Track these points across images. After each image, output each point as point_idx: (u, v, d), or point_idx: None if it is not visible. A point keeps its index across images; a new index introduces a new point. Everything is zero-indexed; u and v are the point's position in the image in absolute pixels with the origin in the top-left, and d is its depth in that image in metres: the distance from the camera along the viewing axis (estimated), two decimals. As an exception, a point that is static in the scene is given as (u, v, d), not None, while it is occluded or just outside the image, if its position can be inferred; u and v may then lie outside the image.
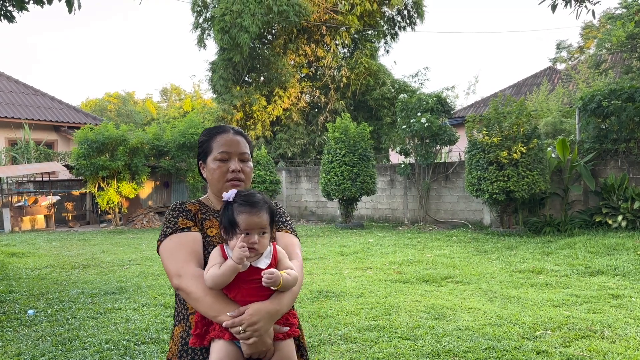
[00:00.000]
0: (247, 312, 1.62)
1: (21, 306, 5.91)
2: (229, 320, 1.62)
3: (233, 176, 1.89)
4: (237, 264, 1.64)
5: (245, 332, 1.60)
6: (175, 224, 1.82)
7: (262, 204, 1.75)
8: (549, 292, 6.06)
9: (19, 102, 21.24)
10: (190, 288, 1.67)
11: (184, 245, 1.76)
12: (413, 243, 10.37)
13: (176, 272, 1.71)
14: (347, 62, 20.43)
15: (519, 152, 10.43)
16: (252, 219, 1.71)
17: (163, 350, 4.28)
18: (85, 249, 10.98)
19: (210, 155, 1.93)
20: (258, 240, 1.70)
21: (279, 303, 1.70)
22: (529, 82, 23.48)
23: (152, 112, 43.20)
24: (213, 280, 1.65)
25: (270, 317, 1.66)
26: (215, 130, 1.98)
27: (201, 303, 1.66)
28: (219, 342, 1.65)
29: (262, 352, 1.67)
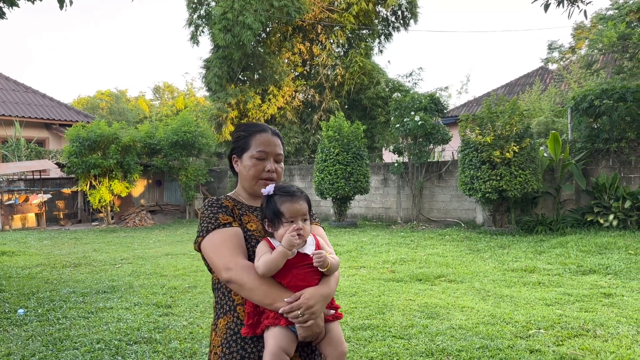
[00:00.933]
0: (303, 296, 1.71)
1: (11, 305, 5.85)
2: (287, 306, 1.70)
3: (267, 175, 1.96)
4: (287, 249, 1.73)
5: (304, 316, 1.69)
6: (217, 219, 1.87)
7: (300, 194, 1.86)
8: (541, 291, 6.07)
9: (10, 100, 21.05)
10: (242, 279, 1.73)
11: (228, 239, 1.82)
12: (406, 242, 10.38)
13: (225, 265, 1.77)
14: (342, 61, 20.41)
15: (511, 152, 10.46)
16: (294, 207, 1.81)
17: (155, 350, 4.25)
18: (76, 247, 10.89)
19: (247, 152, 1.98)
20: (302, 226, 1.80)
21: (328, 286, 1.80)
22: (521, 82, 23.56)
23: (145, 110, 42.96)
24: (266, 267, 1.73)
25: (323, 299, 1.75)
26: (255, 128, 2.03)
27: (255, 293, 1.72)
28: (275, 329, 1.72)
29: (316, 334, 1.75)
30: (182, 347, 4.31)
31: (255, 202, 2.00)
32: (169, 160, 16.83)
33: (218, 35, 17.29)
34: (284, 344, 1.71)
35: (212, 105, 20.80)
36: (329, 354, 1.80)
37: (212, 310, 5.49)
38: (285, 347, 1.72)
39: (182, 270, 7.85)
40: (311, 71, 21.54)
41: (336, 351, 1.79)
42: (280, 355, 1.70)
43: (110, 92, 45.57)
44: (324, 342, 1.80)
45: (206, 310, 5.50)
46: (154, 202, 18.33)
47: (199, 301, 5.87)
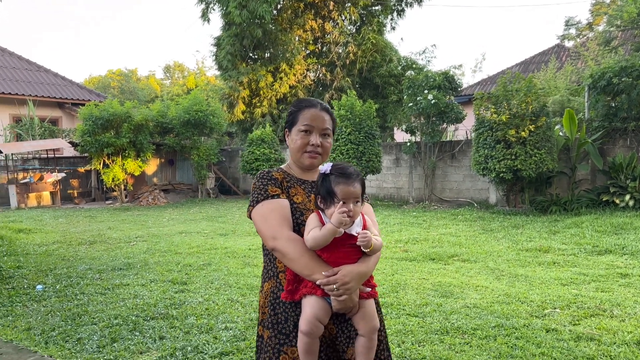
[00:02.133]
0: (340, 272, 1.81)
1: (30, 282, 5.95)
2: (324, 279, 1.80)
3: (312, 149, 2.04)
4: (336, 227, 1.79)
5: (338, 290, 1.79)
6: (266, 191, 1.98)
7: (355, 176, 1.90)
8: (556, 271, 6.04)
9: (23, 79, 21.13)
10: (286, 249, 1.85)
11: (275, 210, 1.93)
12: (419, 221, 10.36)
13: (271, 235, 1.89)
14: (354, 38, 20.13)
15: (527, 131, 10.32)
16: (348, 189, 1.86)
17: (172, 326, 4.30)
18: (91, 225, 11.02)
19: (295, 126, 2.07)
20: (353, 208, 1.84)
21: (366, 265, 1.88)
22: (537, 60, 23.15)
23: (156, 89, 42.98)
24: (314, 241, 1.82)
25: (359, 277, 1.84)
26: (304, 103, 2.11)
27: (297, 263, 1.84)
28: (312, 298, 1.84)
29: (350, 308, 1.86)
30: (198, 322, 4.35)
31: (305, 175, 2.11)
32: (181, 139, 16.86)
33: (234, 12, 17.06)
34: (318, 312, 1.82)
35: (223, 84, 20.70)
36: (360, 327, 1.89)
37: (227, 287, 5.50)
38: (319, 315, 1.82)
39: (197, 248, 7.91)
40: (323, 49, 21.30)
41: (368, 326, 1.89)
42: (314, 322, 1.81)
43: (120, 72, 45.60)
44: (357, 316, 1.89)
45: (221, 287, 5.54)
46: (167, 181, 18.44)
47: (214, 278, 5.92)
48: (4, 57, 21.90)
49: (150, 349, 3.83)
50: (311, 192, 2.04)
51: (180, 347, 3.82)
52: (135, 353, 3.76)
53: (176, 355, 3.70)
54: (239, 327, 4.22)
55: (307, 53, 21.02)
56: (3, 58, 21.81)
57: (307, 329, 1.81)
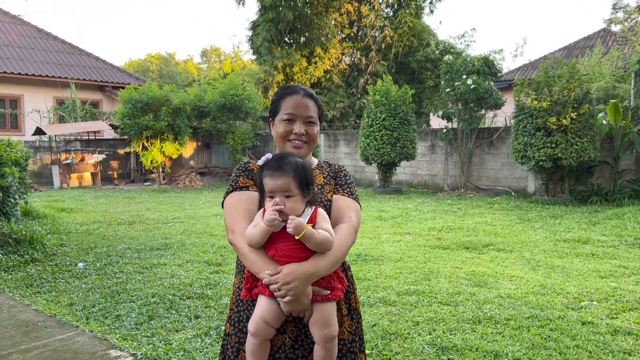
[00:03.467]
0: (282, 271, 1.67)
1: (71, 259, 6.18)
2: (267, 278, 1.68)
3: (295, 138, 1.94)
4: (267, 226, 1.69)
5: (280, 291, 1.66)
6: (237, 182, 1.93)
7: (286, 168, 1.74)
8: (595, 263, 5.89)
9: (66, 62, 21.74)
10: (239, 244, 1.78)
11: (241, 203, 1.87)
12: (453, 209, 10.24)
13: (230, 227, 1.83)
14: (391, 21, 19.84)
15: (568, 118, 10.02)
16: (273, 182, 1.74)
17: (207, 305, 4.41)
18: (130, 206, 11.33)
19: (278, 115, 1.98)
20: (284, 203, 1.72)
21: (314, 265, 1.70)
22: (581, 45, 22.34)
23: (193, 74, 43.54)
24: (249, 239, 1.75)
25: (305, 278, 1.68)
26: (286, 91, 2.01)
27: (246, 259, 1.75)
28: (262, 298, 1.74)
29: (300, 311, 1.72)
30: (232, 304, 4.44)
31: None
32: (217, 123, 17.08)
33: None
34: (266, 314, 1.71)
35: (258, 68, 20.79)
36: (314, 334, 1.74)
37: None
38: (267, 317, 1.71)
39: (231, 230, 8.04)
40: (358, 33, 21.08)
41: (320, 333, 1.73)
42: (260, 324, 1.71)
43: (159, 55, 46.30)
44: (310, 322, 1.75)
45: (254, 270, 5.63)
46: (203, 165, 18.75)
47: (247, 261, 6.01)
48: (48, 41, 22.56)
49: (186, 327, 3.94)
50: None
51: (214, 327, 3.91)
52: (171, 331, 3.87)
53: (210, 334, 3.79)
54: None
55: (342, 37, 20.86)
56: (47, 42, 22.47)
57: (253, 330, 1.72)
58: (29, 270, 5.67)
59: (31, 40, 21.91)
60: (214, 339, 3.71)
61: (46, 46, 22.09)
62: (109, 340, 3.70)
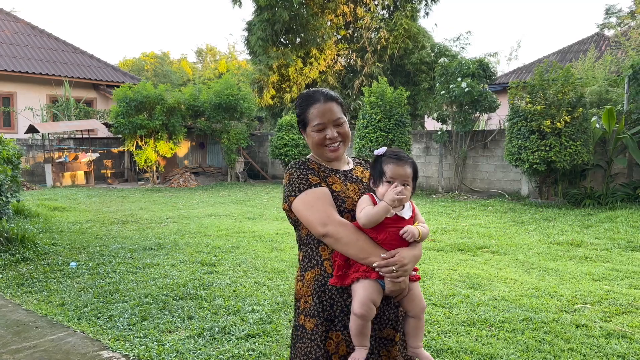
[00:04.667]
0: (398, 255, 1.86)
1: (64, 258, 6.13)
2: (383, 261, 1.84)
3: (330, 142, 2.03)
4: (389, 205, 1.86)
5: (397, 272, 1.84)
6: (307, 180, 1.98)
7: (407, 159, 1.97)
8: (588, 266, 5.91)
9: (60, 60, 21.60)
10: (339, 234, 1.86)
11: (321, 198, 1.94)
12: (447, 211, 10.25)
13: (321, 221, 1.88)
14: (386, 23, 19.85)
15: (562, 121, 10.06)
16: (397, 169, 1.93)
17: (201, 306, 4.38)
18: (123, 205, 11.27)
19: (308, 127, 2.06)
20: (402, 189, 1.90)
21: (419, 249, 1.96)
22: (575, 49, 22.45)
23: (188, 73, 43.40)
24: (367, 218, 1.87)
25: (414, 260, 1.91)
26: (308, 101, 2.07)
27: (352, 247, 1.86)
28: (366, 282, 1.87)
29: (402, 289, 1.90)
30: (226, 304, 4.42)
31: (334, 165, 2.09)
32: (211, 123, 17.02)
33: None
34: (373, 295, 1.86)
35: (253, 68, 20.75)
36: (411, 309, 1.97)
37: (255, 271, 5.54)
38: (374, 298, 1.87)
39: (225, 230, 8.02)
40: (354, 34, 21.08)
41: (418, 307, 1.97)
42: (368, 304, 1.85)
43: (154, 54, 46.13)
44: (406, 299, 1.95)
45: (248, 270, 5.61)
46: (197, 164, 18.69)
47: (242, 261, 5.99)
48: (42, 39, 22.41)
49: (179, 328, 3.92)
50: (346, 181, 2.05)
51: (208, 328, 3.89)
52: (164, 332, 3.84)
53: (204, 335, 3.77)
54: (266, 310, 4.27)
55: (338, 38, 20.85)
56: (41, 39, 22.32)
57: (361, 312, 1.84)
58: (20, 270, 5.62)
59: (25, 38, 21.76)
60: (207, 340, 3.69)
61: (40, 43, 21.95)
62: (101, 341, 3.67)
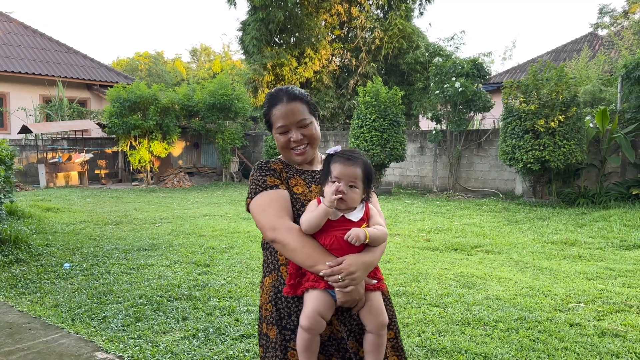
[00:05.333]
0: (345, 262, 1.71)
1: (57, 259, 6.10)
2: (328, 270, 1.70)
3: (295, 145, 1.95)
4: (327, 207, 1.74)
5: (344, 281, 1.69)
6: (265, 182, 1.91)
7: (357, 160, 1.84)
8: (582, 265, 5.94)
9: (53, 60, 21.50)
10: (286, 240, 1.76)
11: (275, 201, 1.85)
12: (442, 211, 10.27)
13: (270, 225, 1.79)
14: (381, 23, 19.89)
15: (556, 121, 10.10)
16: (342, 169, 1.81)
17: (195, 307, 4.37)
18: (117, 206, 11.22)
19: (273, 129, 1.99)
20: (347, 191, 1.78)
21: (372, 255, 1.79)
22: (569, 49, 22.55)
23: (182, 73, 43.26)
24: (306, 222, 1.76)
25: (365, 267, 1.75)
26: (271, 102, 1.99)
27: (298, 253, 1.74)
28: (315, 292, 1.74)
29: (355, 300, 1.76)
30: (220, 304, 4.41)
31: (304, 165, 2.02)
32: (206, 123, 16.98)
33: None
34: (320, 307, 1.72)
35: (247, 68, 20.72)
36: (368, 323, 1.80)
37: (250, 271, 5.55)
38: (321, 310, 1.72)
39: (220, 231, 8.00)
40: (349, 34, 21.10)
41: (376, 321, 1.79)
42: (315, 317, 1.72)
43: (148, 54, 45.95)
44: (363, 311, 1.79)
45: (243, 270, 5.60)
46: (192, 164, 18.64)
47: (236, 261, 5.98)
48: (35, 38, 22.29)
49: (174, 329, 3.90)
50: (312, 183, 1.95)
51: (202, 329, 3.88)
52: (158, 333, 3.83)
53: (198, 336, 3.76)
54: (260, 311, 4.26)
55: (332, 38, 20.86)
56: (34, 39, 22.20)
57: (307, 325, 1.72)
58: (13, 271, 5.58)
59: (18, 38, 21.63)
60: (202, 340, 3.68)
61: (33, 43, 21.83)
62: (95, 342, 3.65)
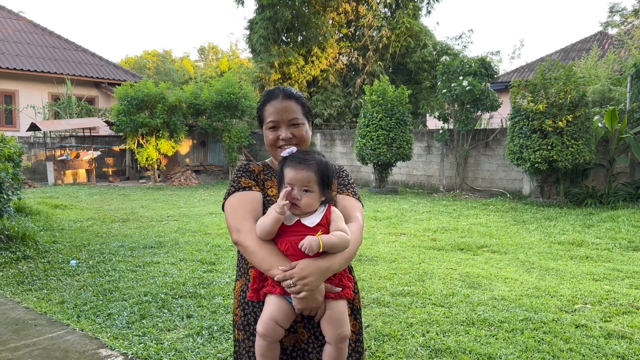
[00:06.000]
0: (297, 266, 1.65)
1: (64, 256, 6.14)
2: (280, 274, 1.65)
3: (283, 143, 1.91)
4: (277, 213, 1.69)
5: (296, 286, 1.63)
6: (239, 183, 1.90)
7: (309, 163, 1.76)
8: (589, 265, 5.89)
9: (62, 58, 21.62)
10: (246, 242, 1.74)
11: (244, 202, 1.84)
12: (448, 210, 10.24)
13: (235, 227, 1.79)
14: (388, 22, 19.83)
15: (564, 121, 10.03)
16: (294, 174, 1.75)
17: (200, 305, 4.38)
18: (125, 203, 11.27)
19: (264, 125, 1.96)
20: (300, 196, 1.72)
21: (329, 260, 1.70)
22: (578, 48, 22.39)
23: (190, 71, 43.37)
24: (260, 228, 1.73)
25: (320, 273, 1.67)
26: (266, 97, 1.98)
27: (256, 256, 1.72)
28: (271, 297, 1.70)
29: (313, 308, 1.69)
30: (225, 303, 4.42)
31: None
32: (213, 121, 17.02)
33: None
34: (276, 313, 1.67)
35: (255, 66, 20.75)
36: (326, 333, 1.71)
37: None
38: (277, 317, 1.67)
39: (226, 229, 8.01)
40: (356, 32, 21.07)
41: (334, 332, 1.70)
42: (270, 324, 1.66)
43: (156, 52, 46.10)
44: (323, 320, 1.72)
45: (248, 269, 5.60)
46: (199, 162, 18.69)
47: (241, 260, 5.98)
48: (44, 37, 22.42)
49: (178, 327, 3.91)
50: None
51: (206, 326, 3.89)
52: (163, 330, 3.84)
53: (202, 334, 3.77)
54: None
55: (339, 36, 20.84)
56: (43, 37, 22.33)
57: (262, 331, 1.67)
58: (20, 267, 5.62)
59: (27, 36, 21.77)
60: (206, 338, 3.69)
61: (42, 41, 21.96)
62: (100, 339, 3.66)
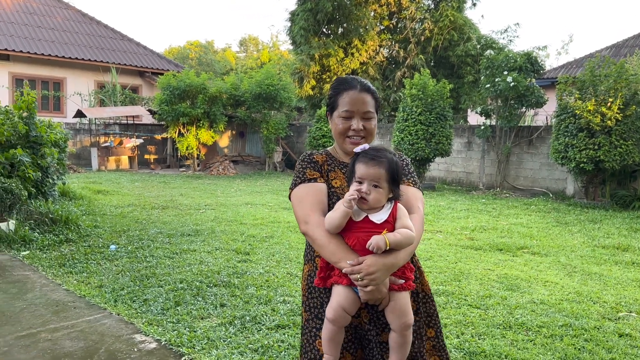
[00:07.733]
0: (365, 262, 1.72)
1: (104, 241, 6.30)
2: (349, 268, 1.73)
3: (353, 134, 1.95)
4: (345, 207, 1.74)
5: (363, 280, 1.71)
6: (304, 174, 1.96)
7: (382, 160, 1.81)
8: (635, 272, 5.64)
9: (108, 47, 22.18)
10: (315, 235, 1.82)
11: (310, 194, 1.90)
12: (487, 209, 10.00)
13: (304, 219, 1.86)
14: (432, 14, 19.48)
15: (613, 120, 9.62)
16: (366, 169, 1.79)
17: (233, 294, 4.41)
18: (164, 191, 11.51)
19: (336, 111, 1.98)
20: (369, 191, 1.77)
21: (395, 256, 1.77)
22: (630, 44, 21.39)
23: (231, 62, 43.86)
24: (328, 222, 1.79)
25: (386, 268, 1.75)
26: (343, 86, 1.99)
27: (325, 249, 1.79)
28: (339, 287, 1.79)
29: (378, 299, 1.78)
30: (258, 293, 4.44)
31: (349, 159, 2.00)
32: (251, 112, 17.15)
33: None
34: (344, 302, 1.77)
35: (295, 58, 20.77)
36: (391, 321, 1.82)
37: (288, 261, 5.57)
38: (345, 305, 1.77)
39: (261, 220, 8.07)
40: (398, 25, 20.77)
41: (398, 321, 1.80)
42: (339, 311, 1.76)
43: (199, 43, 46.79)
44: (387, 310, 1.82)
45: (282, 260, 5.62)
46: (237, 153, 18.90)
47: (275, 251, 6.01)
48: (92, 26, 23.05)
49: (211, 315, 3.95)
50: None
51: (239, 316, 3.91)
52: (196, 318, 3.89)
53: (235, 323, 3.79)
54: (297, 302, 4.26)
55: (380, 29, 20.60)
56: (91, 26, 22.96)
57: (331, 317, 1.78)
58: (62, 250, 5.80)
59: (75, 25, 22.43)
60: (238, 328, 3.71)
61: (89, 30, 22.58)
62: (135, 324, 3.73)
